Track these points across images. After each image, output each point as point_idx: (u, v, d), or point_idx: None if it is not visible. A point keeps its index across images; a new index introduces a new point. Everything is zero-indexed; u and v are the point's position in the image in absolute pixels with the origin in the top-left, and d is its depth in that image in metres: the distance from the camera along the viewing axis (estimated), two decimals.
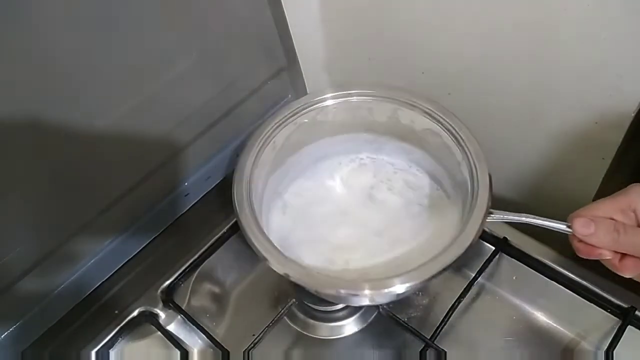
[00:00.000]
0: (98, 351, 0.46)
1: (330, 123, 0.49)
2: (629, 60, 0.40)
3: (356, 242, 0.46)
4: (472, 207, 0.39)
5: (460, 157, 0.44)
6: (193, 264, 0.51)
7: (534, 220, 0.38)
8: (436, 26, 0.50)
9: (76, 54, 0.38)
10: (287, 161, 0.49)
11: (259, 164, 0.45)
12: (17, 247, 0.41)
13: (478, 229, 0.38)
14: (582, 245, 0.36)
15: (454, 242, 0.37)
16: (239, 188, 0.42)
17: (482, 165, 0.42)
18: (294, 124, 0.47)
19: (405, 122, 0.48)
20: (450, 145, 0.45)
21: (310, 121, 0.48)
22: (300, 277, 0.37)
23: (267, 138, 0.46)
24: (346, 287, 0.37)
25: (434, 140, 0.46)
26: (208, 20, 0.47)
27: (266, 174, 0.47)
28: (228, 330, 0.50)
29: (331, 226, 0.47)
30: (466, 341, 0.47)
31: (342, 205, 0.49)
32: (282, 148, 0.48)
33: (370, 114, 0.49)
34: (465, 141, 0.43)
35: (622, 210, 0.35)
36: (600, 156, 0.48)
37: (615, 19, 0.39)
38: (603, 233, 0.34)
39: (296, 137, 0.48)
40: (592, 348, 0.46)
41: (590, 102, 0.45)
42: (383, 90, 0.48)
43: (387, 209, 0.48)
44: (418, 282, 0.36)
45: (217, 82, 0.51)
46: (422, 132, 0.47)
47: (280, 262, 0.38)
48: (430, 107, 0.46)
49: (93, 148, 0.43)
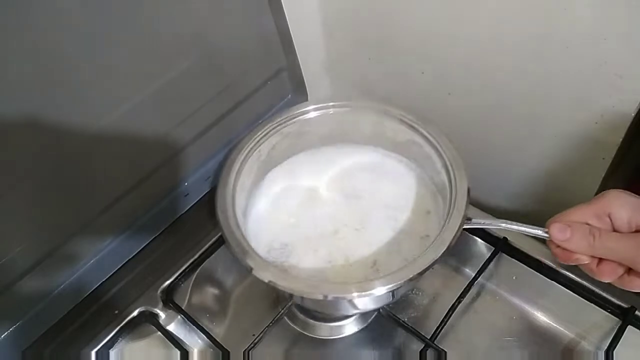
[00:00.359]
0: (98, 351, 0.46)
1: (316, 134, 0.51)
2: (629, 60, 0.40)
3: (339, 242, 0.47)
4: (450, 213, 0.41)
5: (440, 165, 0.45)
6: (193, 264, 0.51)
7: (512, 226, 0.39)
8: (436, 26, 0.50)
9: (76, 54, 0.38)
10: (272, 170, 0.51)
11: (243, 172, 0.46)
12: (17, 247, 0.41)
13: (455, 235, 0.39)
14: (560, 250, 0.36)
15: (430, 247, 0.39)
16: (222, 200, 0.43)
17: (460, 173, 0.43)
18: (279, 134, 0.48)
19: (389, 133, 0.50)
20: (431, 154, 0.46)
21: (295, 132, 0.49)
22: (285, 285, 0.38)
23: (252, 148, 0.47)
24: (331, 292, 0.38)
25: (415, 150, 0.48)
26: (208, 21, 0.47)
27: (251, 182, 0.48)
28: (228, 330, 0.50)
29: (316, 228, 0.48)
30: (466, 341, 0.47)
31: (327, 207, 0.50)
32: (267, 157, 0.49)
33: (355, 125, 0.51)
34: (445, 150, 0.45)
35: (597, 215, 0.35)
36: (600, 156, 0.48)
37: (616, 18, 0.39)
38: (579, 238, 0.35)
39: (281, 147, 0.49)
40: (592, 348, 0.46)
41: (590, 102, 0.45)
42: (366, 103, 0.49)
43: (370, 212, 0.49)
44: (395, 284, 0.37)
45: (217, 82, 0.51)
46: (405, 142, 0.49)
47: (264, 270, 0.39)
48: (411, 117, 0.47)
49: (93, 148, 0.43)
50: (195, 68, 0.47)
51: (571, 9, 0.40)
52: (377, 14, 0.54)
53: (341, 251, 0.46)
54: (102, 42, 0.39)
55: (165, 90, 0.46)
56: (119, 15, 0.39)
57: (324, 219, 0.49)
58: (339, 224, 0.48)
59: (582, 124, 0.47)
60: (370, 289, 0.37)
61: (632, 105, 0.42)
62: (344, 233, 0.47)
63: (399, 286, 0.37)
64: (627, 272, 0.35)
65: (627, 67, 0.41)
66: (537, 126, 0.51)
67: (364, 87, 0.65)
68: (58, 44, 0.37)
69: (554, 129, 0.50)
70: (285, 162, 0.51)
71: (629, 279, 0.35)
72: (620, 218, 0.34)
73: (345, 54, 0.62)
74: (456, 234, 0.39)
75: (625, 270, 0.35)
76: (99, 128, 0.42)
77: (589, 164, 0.49)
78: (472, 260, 0.52)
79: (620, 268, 0.35)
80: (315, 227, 0.48)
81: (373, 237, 0.47)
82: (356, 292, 0.37)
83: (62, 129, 0.39)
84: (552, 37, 0.43)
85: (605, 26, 0.39)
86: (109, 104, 0.42)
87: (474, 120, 0.56)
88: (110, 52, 0.40)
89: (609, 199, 0.35)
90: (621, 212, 0.34)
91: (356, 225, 0.48)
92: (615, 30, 0.39)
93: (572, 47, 0.42)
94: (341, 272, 0.45)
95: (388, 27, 0.54)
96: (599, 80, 0.42)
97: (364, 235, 0.47)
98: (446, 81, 0.54)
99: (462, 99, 0.55)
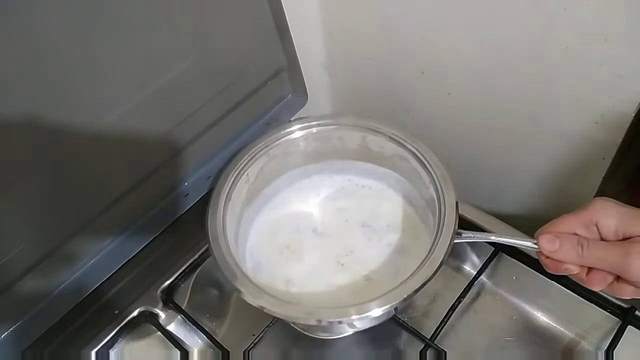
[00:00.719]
0: (98, 351, 0.46)
1: (302, 153, 0.51)
2: (629, 60, 0.40)
3: (330, 263, 0.47)
4: (440, 228, 0.41)
5: (427, 180, 0.45)
6: (193, 264, 0.51)
7: (501, 239, 0.40)
8: (436, 26, 0.50)
9: (76, 54, 0.38)
10: (261, 192, 0.51)
11: (233, 197, 0.46)
12: (17, 247, 0.41)
13: (446, 250, 0.39)
14: (549, 261, 0.36)
15: (424, 264, 0.39)
16: (213, 223, 0.43)
17: (448, 187, 0.43)
18: (266, 156, 0.49)
19: (375, 149, 0.50)
20: (418, 169, 0.46)
21: (282, 152, 0.50)
22: (275, 310, 0.38)
23: (241, 170, 0.47)
24: (322, 316, 0.38)
25: (403, 165, 0.48)
26: (208, 20, 0.47)
27: (241, 206, 0.48)
28: (228, 330, 0.50)
29: (307, 250, 0.48)
30: (466, 341, 0.47)
31: (318, 228, 0.50)
32: (256, 180, 0.49)
33: (341, 142, 0.51)
34: (432, 165, 0.45)
35: (585, 225, 0.36)
36: (600, 156, 0.48)
37: (615, 18, 0.39)
38: (567, 248, 0.35)
39: (269, 169, 0.50)
40: (592, 348, 0.46)
41: (590, 102, 0.45)
42: (351, 119, 0.50)
43: (359, 229, 0.49)
44: (391, 305, 0.38)
45: (217, 82, 0.51)
46: (392, 157, 0.49)
47: (255, 296, 0.39)
48: (396, 132, 0.48)
49: (93, 148, 0.43)
50: (195, 68, 0.47)
51: (571, 9, 0.40)
52: (376, 14, 0.54)
53: (333, 272, 0.46)
54: (102, 42, 0.39)
55: (165, 90, 0.46)
56: (119, 15, 0.39)
57: (315, 240, 0.49)
58: (330, 244, 0.49)
59: (582, 124, 0.47)
60: (365, 311, 0.37)
61: (632, 105, 0.42)
62: (336, 253, 0.48)
63: (394, 307, 0.38)
64: (616, 279, 0.35)
65: (627, 67, 0.41)
66: (537, 126, 0.51)
67: (364, 87, 0.65)
68: (58, 44, 0.37)
69: (554, 129, 0.50)
70: (273, 183, 0.52)
71: (618, 286, 0.35)
72: (608, 227, 0.35)
73: (345, 54, 0.62)
74: (448, 248, 0.39)
75: (615, 278, 0.35)
76: (99, 128, 0.42)
77: (589, 164, 0.49)
78: (472, 260, 0.52)
79: (610, 276, 0.35)
80: (306, 248, 0.48)
81: (364, 255, 0.47)
82: (355, 315, 0.37)
83: (62, 129, 0.39)
84: (552, 38, 0.43)
85: (605, 26, 0.39)
86: (109, 104, 0.42)
87: (474, 121, 0.56)
88: (110, 52, 0.40)
89: (596, 208, 0.35)
90: (608, 221, 0.35)
91: (347, 244, 0.48)
92: (615, 30, 0.39)
93: (572, 47, 0.42)
94: (335, 293, 0.45)
95: (388, 27, 0.54)
96: (599, 80, 0.43)
97: (355, 254, 0.48)
98: (446, 81, 0.54)
99: (462, 99, 0.55)
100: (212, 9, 0.46)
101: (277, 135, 0.49)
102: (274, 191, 0.52)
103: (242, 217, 0.48)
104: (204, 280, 0.51)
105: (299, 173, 0.52)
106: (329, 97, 0.70)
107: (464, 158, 0.61)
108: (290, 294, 0.45)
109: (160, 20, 0.43)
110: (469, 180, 0.62)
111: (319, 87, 0.67)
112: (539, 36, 0.43)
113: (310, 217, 0.51)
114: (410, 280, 0.38)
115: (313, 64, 0.62)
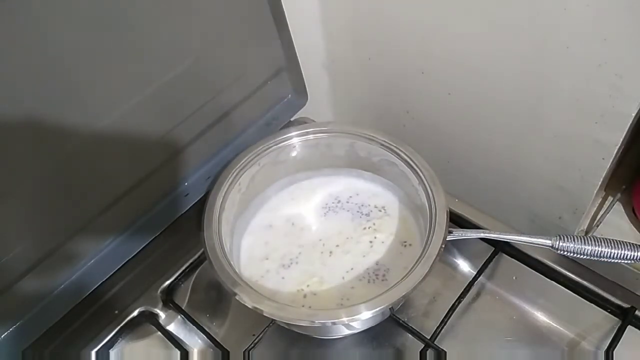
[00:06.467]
0: (98, 351, 0.46)
1: (292, 161, 0.52)
2: (629, 60, 0.40)
3: (324, 267, 0.48)
4: (432, 228, 0.42)
5: (416, 182, 0.47)
6: (193, 264, 0.51)
7: (491, 235, 0.42)
8: (436, 26, 0.50)
9: (76, 54, 0.38)
10: (253, 200, 0.52)
11: (226, 206, 0.47)
12: (17, 247, 0.41)
13: (439, 249, 0.41)
14: None
15: (418, 263, 0.40)
16: (209, 232, 0.44)
17: (437, 188, 0.45)
18: (257, 165, 0.50)
19: (363, 154, 0.51)
20: (406, 173, 0.48)
21: (271, 161, 0.51)
22: (272, 312, 0.40)
23: (232, 182, 0.48)
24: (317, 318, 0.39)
25: (391, 169, 0.50)
26: (208, 20, 0.47)
27: (234, 215, 0.49)
28: (228, 330, 0.50)
29: (300, 254, 0.49)
30: (466, 341, 0.47)
31: (309, 232, 0.51)
32: (248, 189, 0.50)
33: (329, 149, 0.52)
34: (420, 168, 0.46)
35: None
36: (600, 156, 0.48)
37: (615, 19, 0.39)
38: None
39: (260, 177, 0.51)
40: (592, 348, 0.46)
41: (590, 102, 0.45)
42: (338, 126, 0.51)
43: (352, 233, 0.50)
44: (389, 304, 0.38)
45: (216, 82, 0.51)
46: (380, 162, 0.50)
47: (252, 299, 0.40)
48: (383, 138, 0.49)
49: (93, 148, 0.43)
50: (195, 68, 0.47)
51: (571, 9, 0.40)
52: (377, 14, 0.54)
53: (327, 275, 0.47)
54: (102, 42, 0.39)
55: (165, 90, 0.46)
56: (119, 15, 0.39)
57: (307, 244, 0.50)
58: (323, 248, 0.49)
59: (582, 124, 0.47)
60: (356, 313, 0.38)
61: (632, 105, 0.42)
62: (329, 256, 0.49)
63: (389, 306, 0.38)
64: None
65: (627, 67, 0.41)
66: (537, 126, 0.51)
67: (364, 87, 0.65)
68: (58, 44, 0.37)
69: (554, 129, 0.50)
70: (265, 192, 0.53)
71: None
72: None
73: (345, 54, 0.62)
74: (441, 246, 0.41)
75: None
76: (99, 128, 0.42)
77: (589, 164, 0.49)
78: (472, 260, 0.52)
79: None
80: (299, 253, 0.49)
81: (358, 258, 0.48)
82: (346, 317, 0.38)
83: (62, 129, 0.39)
84: (552, 37, 0.43)
85: (605, 26, 0.39)
86: (109, 104, 0.42)
87: (474, 121, 0.56)
88: (110, 53, 0.40)
89: None
90: None
91: (341, 248, 0.49)
92: (615, 30, 0.39)
93: (572, 47, 0.42)
94: (329, 294, 0.46)
95: (388, 27, 0.54)
96: (599, 80, 0.42)
97: (349, 258, 0.48)
98: (446, 81, 0.54)
99: (462, 99, 0.55)
100: (212, 9, 0.46)
101: (268, 144, 0.50)
102: (263, 199, 0.53)
103: (234, 227, 0.49)
104: (203, 280, 0.51)
105: (288, 181, 0.54)
106: (329, 97, 0.70)
107: (464, 158, 0.61)
108: (280, 295, 0.46)
109: (160, 21, 0.43)
110: (468, 179, 0.62)
111: (319, 87, 0.67)
112: (539, 36, 0.43)
113: (301, 224, 0.52)
114: (403, 281, 0.39)
115: (313, 64, 0.62)
